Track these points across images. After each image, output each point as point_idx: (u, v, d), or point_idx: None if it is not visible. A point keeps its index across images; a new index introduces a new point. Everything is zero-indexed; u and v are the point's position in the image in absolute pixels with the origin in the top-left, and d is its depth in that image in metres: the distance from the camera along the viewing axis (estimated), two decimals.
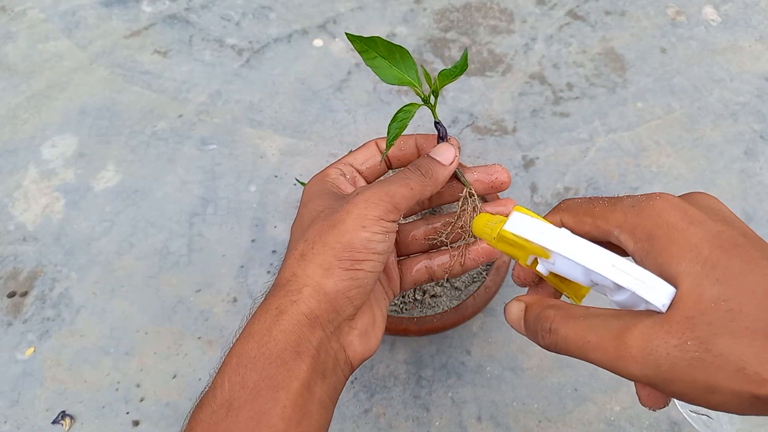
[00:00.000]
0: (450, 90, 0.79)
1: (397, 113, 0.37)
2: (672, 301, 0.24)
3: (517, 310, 0.31)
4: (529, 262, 0.32)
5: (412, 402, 0.57)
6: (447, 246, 0.41)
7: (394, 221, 0.34)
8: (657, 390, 0.25)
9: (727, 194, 0.70)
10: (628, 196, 0.28)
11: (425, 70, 0.38)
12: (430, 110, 0.39)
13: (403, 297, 0.55)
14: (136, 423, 0.56)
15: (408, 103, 0.38)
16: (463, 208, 0.40)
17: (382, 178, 0.40)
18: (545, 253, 0.30)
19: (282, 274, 0.33)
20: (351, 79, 0.81)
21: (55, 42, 0.85)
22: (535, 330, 0.29)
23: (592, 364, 0.25)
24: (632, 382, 0.26)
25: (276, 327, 0.30)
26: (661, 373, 0.23)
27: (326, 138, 0.75)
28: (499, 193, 0.63)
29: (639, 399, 0.29)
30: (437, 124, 0.39)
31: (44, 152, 0.75)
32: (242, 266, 0.65)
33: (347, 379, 0.34)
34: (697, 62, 0.82)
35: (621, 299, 0.28)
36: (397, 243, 0.41)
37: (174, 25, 0.87)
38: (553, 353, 0.39)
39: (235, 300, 0.63)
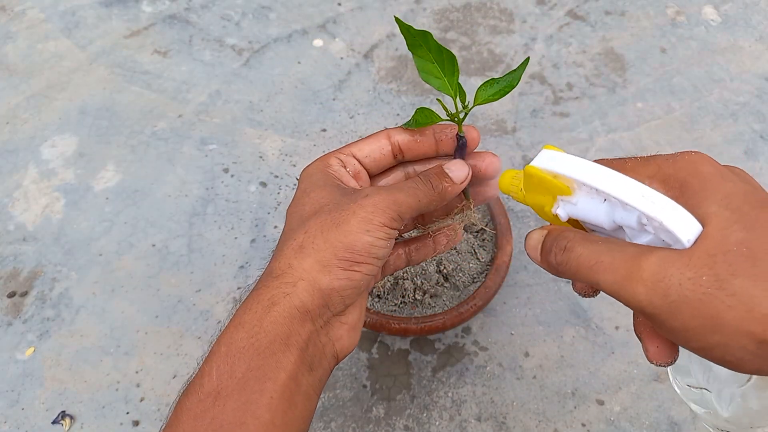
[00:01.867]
0: None
1: (419, 111, 0.37)
2: (696, 239, 0.24)
3: (538, 235, 0.31)
4: (554, 211, 0.31)
5: (411, 402, 0.57)
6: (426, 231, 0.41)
7: (396, 229, 0.34)
8: (654, 322, 0.25)
9: None
10: (660, 154, 0.28)
11: (461, 87, 0.37)
12: (458, 126, 0.38)
13: (403, 297, 0.55)
14: (136, 423, 0.56)
15: (430, 109, 0.38)
16: (459, 219, 0.40)
17: (389, 177, 0.40)
18: (568, 189, 0.29)
19: (277, 263, 0.33)
20: (351, 79, 0.81)
21: (54, 42, 0.85)
22: (549, 249, 0.29)
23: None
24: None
25: (267, 318, 0.30)
26: (668, 302, 0.23)
27: (326, 138, 0.75)
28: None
29: (647, 354, 0.29)
30: (459, 136, 0.38)
31: (44, 152, 0.75)
32: (242, 266, 0.65)
33: (331, 371, 0.34)
34: (697, 62, 0.82)
35: (644, 241, 0.27)
36: None
37: (174, 25, 0.87)
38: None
39: (235, 300, 0.63)
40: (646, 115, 0.77)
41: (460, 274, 0.56)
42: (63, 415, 0.57)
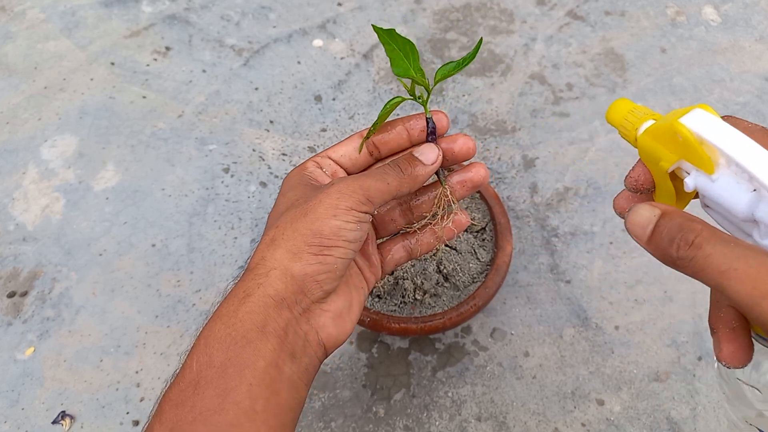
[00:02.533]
0: (450, 90, 0.79)
1: (385, 105, 0.38)
2: None
3: (649, 214, 0.27)
4: (670, 170, 0.28)
5: (411, 402, 0.57)
6: (416, 227, 0.42)
7: (367, 212, 0.34)
8: None
9: None
10: None
11: (422, 70, 0.39)
12: (423, 107, 0.39)
13: (403, 297, 0.55)
14: (136, 423, 0.56)
15: (397, 96, 0.39)
16: (436, 205, 0.40)
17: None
18: (711, 164, 0.25)
19: (252, 258, 0.34)
20: (351, 79, 0.81)
21: (54, 42, 0.85)
22: (671, 238, 0.25)
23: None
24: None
25: (242, 308, 0.31)
26: None
27: (326, 138, 0.75)
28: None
29: (719, 354, 0.27)
30: (429, 119, 0.39)
31: (44, 152, 0.75)
32: (242, 266, 0.65)
33: (321, 362, 0.34)
34: (697, 62, 0.82)
35: None
36: (374, 226, 0.42)
37: (174, 25, 0.87)
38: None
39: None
40: None
41: (460, 274, 0.56)
42: (63, 415, 0.57)
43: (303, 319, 0.33)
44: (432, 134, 0.39)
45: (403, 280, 0.55)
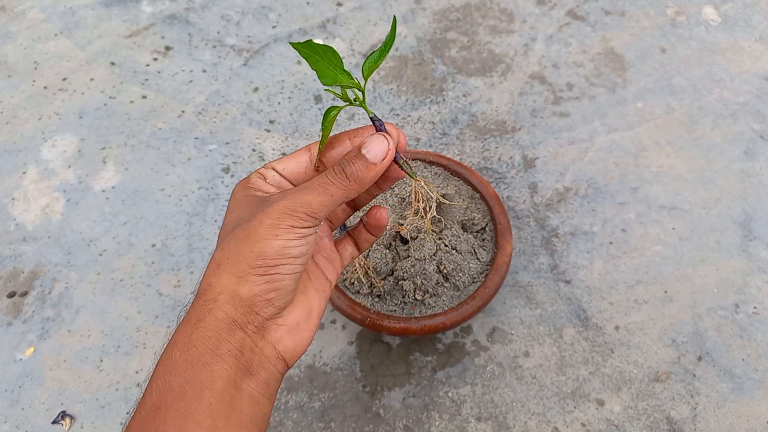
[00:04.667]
0: (450, 90, 0.79)
1: (324, 116, 0.36)
2: None
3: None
4: None
5: (412, 402, 0.57)
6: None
7: (311, 227, 0.33)
8: None
9: (727, 194, 0.70)
10: None
11: (346, 71, 0.37)
12: (364, 109, 0.37)
13: (403, 297, 0.55)
14: None
15: (332, 107, 0.37)
16: (416, 201, 0.39)
17: None
18: None
19: (200, 284, 0.34)
20: None
21: (54, 42, 0.85)
22: None
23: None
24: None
25: (195, 334, 0.32)
26: None
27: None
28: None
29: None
30: (373, 119, 0.36)
31: (44, 152, 0.75)
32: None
33: (282, 374, 0.35)
34: (697, 62, 0.82)
35: None
36: (329, 220, 0.42)
37: (174, 25, 0.87)
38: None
39: None
40: (646, 115, 0.77)
41: (460, 274, 0.56)
42: (63, 415, 0.57)
43: (258, 337, 0.33)
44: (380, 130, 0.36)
45: (404, 280, 0.55)
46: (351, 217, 0.59)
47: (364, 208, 0.43)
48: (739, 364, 0.59)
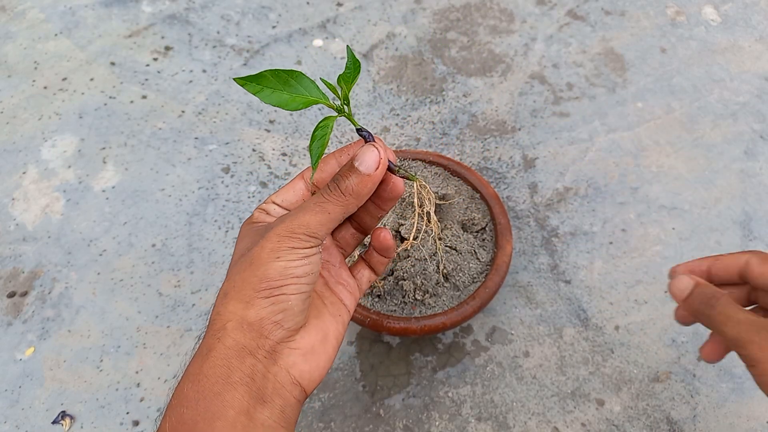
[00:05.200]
0: (450, 90, 0.79)
1: (314, 132, 0.34)
2: None
3: (687, 283, 0.39)
4: None
5: (412, 402, 0.57)
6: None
7: (312, 246, 0.33)
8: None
9: (727, 194, 0.70)
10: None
11: (327, 83, 0.36)
12: (350, 120, 0.36)
13: (403, 297, 0.55)
14: (136, 423, 0.56)
15: (323, 117, 0.36)
16: (419, 206, 0.39)
17: None
18: None
19: (210, 316, 0.34)
20: None
21: (54, 42, 0.85)
22: (701, 301, 0.38)
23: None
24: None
25: (206, 364, 0.31)
26: None
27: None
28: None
29: (702, 352, 0.42)
30: (359, 131, 0.35)
31: (44, 152, 0.75)
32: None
33: (300, 401, 0.34)
34: (697, 62, 0.82)
35: None
36: (341, 247, 0.41)
37: (174, 25, 0.87)
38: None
39: None
40: (646, 115, 0.77)
41: (460, 274, 0.56)
42: (63, 415, 0.57)
43: (270, 362, 0.32)
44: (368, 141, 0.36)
45: (403, 280, 0.55)
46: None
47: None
48: (739, 364, 0.59)
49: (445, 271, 0.56)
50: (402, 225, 0.58)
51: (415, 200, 0.40)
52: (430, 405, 0.57)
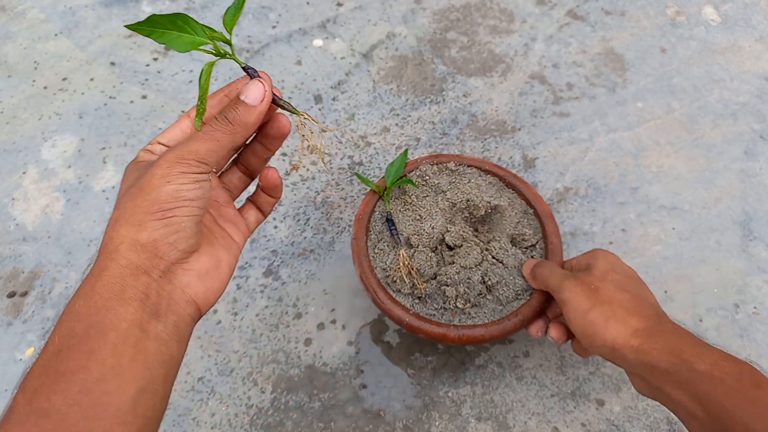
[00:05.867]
0: (450, 90, 0.79)
1: (200, 77, 0.36)
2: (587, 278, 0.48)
3: (529, 263, 0.55)
4: None
5: (412, 402, 0.57)
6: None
7: (203, 172, 0.34)
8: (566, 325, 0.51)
9: (727, 194, 0.70)
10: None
11: (210, 29, 0.37)
12: (235, 61, 0.38)
13: (444, 303, 0.54)
14: None
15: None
16: (303, 135, 0.40)
17: None
18: None
19: (102, 240, 0.35)
20: (351, 80, 0.81)
21: (54, 42, 0.85)
22: (536, 269, 0.53)
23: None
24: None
25: (99, 283, 0.32)
26: (570, 311, 0.46)
27: (326, 138, 0.75)
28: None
29: (550, 333, 0.52)
30: (245, 68, 0.37)
31: (44, 152, 0.75)
32: (242, 266, 0.65)
33: (194, 319, 0.35)
34: (697, 62, 0.82)
35: None
36: (229, 190, 0.43)
37: None
38: (560, 345, 0.39)
39: (235, 300, 0.63)
40: (646, 115, 0.77)
41: (504, 288, 0.54)
42: None
43: (164, 281, 0.33)
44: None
45: (446, 285, 0.54)
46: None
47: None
48: None
49: (489, 282, 0.54)
50: (448, 231, 0.57)
51: (300, 134, 0.40)
52: (430, 405, 0.57)
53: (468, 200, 0.57)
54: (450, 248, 0.57)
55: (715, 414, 0.36)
